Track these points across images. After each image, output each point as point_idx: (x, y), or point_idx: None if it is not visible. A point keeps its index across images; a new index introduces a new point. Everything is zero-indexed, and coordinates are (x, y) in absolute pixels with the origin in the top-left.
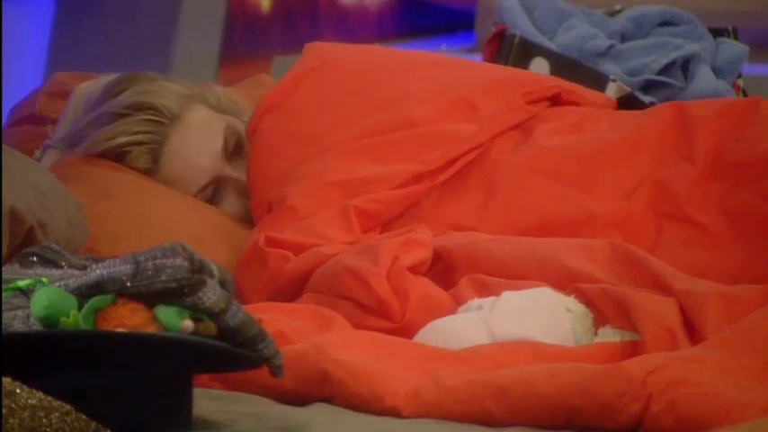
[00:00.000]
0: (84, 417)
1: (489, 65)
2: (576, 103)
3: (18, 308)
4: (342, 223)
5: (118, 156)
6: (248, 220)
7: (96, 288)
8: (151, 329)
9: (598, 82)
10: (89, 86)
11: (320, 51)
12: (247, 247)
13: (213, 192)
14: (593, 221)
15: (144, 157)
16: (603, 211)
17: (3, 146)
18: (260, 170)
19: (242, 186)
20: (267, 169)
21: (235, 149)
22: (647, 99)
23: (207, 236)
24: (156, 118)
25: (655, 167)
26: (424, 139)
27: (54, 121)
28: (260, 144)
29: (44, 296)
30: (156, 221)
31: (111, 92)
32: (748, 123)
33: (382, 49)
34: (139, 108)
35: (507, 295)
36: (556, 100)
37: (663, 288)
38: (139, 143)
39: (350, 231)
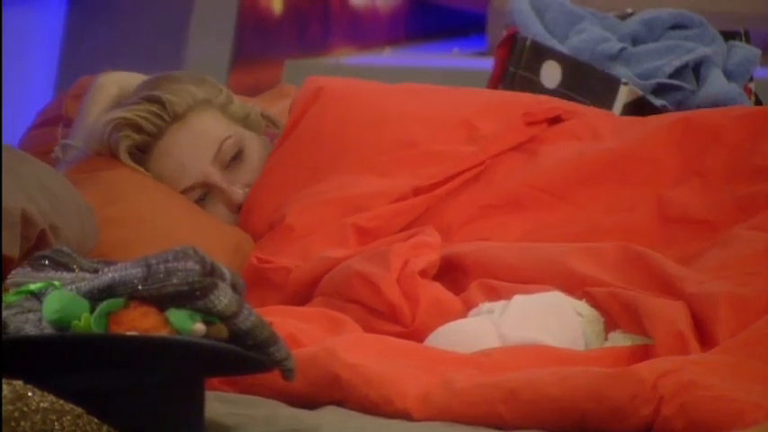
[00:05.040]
0: (95, 420)
1: (487, 90)
2: None
3: (30, 311)
4: (339, 243)
5: (116, 142)
6: None
7: (108, 291)
8: (163, 333)
9: (609, 85)
10: (110, 84)
11: (316, 80)
12: (244, 272)
13: (200, 197)
14: (595, 234)
15: (136, 139)
16: (607, 223)
17: (17, 149)
18: (263, 195)
19: (231, 198)
20: (271, 195)
21: (232, 161)
22: (658, 102)
23: (216, 249)
24: (159, 112)
25: (661, 183)
26: (424, 157)
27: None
28: (264, 175)
29: (56, 299)
30: (167, 231)
31: (141, 90)
32: (765, 136)
33: (377, 83)
34: (148, 100)
35: (518, 299)
36: (556, 120)
37: (673, 291)
38: (137, 127)
39: (347, 250)
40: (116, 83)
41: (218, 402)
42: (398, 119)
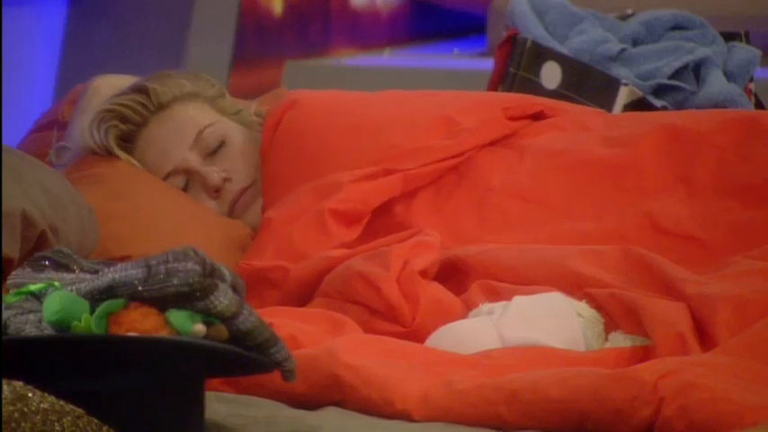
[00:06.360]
0: (95, 420)
1: (468, 92)
2: None
3: (30, 312)
4: (319, 232)
5: (105, 134)
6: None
7: (108, 292)
8: (163, 333)
9: (610, 86)
10: (105, 87)
11: (289, 93)
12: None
13: (184, 185)
14: (586, 244)
15: (123, 128)
16: (596, 232)
17: (17, 150)
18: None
19: (205, 179)
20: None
21: (215, 150)
22: (658, 103)
23: (215, 243)
24: (144, 101)
25: (649, 192)
26: (402, 154)
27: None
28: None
29: (56, 300)
30: (167, 225)
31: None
32: (754, 140)
33: (352, 92)
34: (135, 90)
35: (518, 300)
36: (539, 117)
37: (674, 292)
38: (122, 117)
39: (329, 238)
40: (112, 86)
41: (219, 403)
42: (378, 125)
